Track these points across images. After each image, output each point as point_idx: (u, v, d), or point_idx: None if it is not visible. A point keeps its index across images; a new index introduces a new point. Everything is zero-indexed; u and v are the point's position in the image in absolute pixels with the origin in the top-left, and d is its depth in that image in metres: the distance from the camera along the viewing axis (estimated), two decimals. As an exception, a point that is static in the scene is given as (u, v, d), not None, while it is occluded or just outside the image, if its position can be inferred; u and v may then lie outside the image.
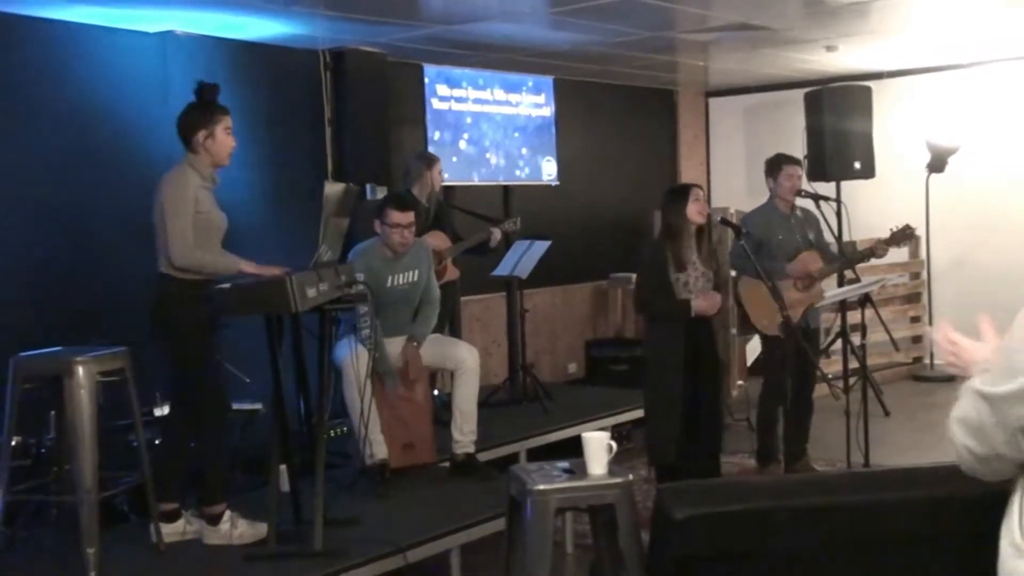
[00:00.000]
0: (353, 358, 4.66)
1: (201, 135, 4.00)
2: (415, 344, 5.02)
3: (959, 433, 1.78)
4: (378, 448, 4.80)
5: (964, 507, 2.71)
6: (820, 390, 5.82)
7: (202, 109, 4.03)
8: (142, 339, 4.19)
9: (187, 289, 3.94)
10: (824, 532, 2.82)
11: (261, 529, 4.03)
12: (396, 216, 4.85)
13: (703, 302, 4.81)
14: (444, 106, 7.42)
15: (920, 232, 8.52)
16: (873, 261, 6.01)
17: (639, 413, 6.46)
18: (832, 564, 2.84)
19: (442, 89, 7.41)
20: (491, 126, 7.76)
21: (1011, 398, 1.69)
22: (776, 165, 5.68)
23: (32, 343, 4.10)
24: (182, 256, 3.90)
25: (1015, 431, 1.70)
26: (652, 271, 4.84)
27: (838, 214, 6.26)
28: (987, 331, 1.93)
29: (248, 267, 3.99)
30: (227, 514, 4.09)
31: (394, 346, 4.98)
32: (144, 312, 4.10)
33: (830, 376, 6.92)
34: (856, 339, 5.73)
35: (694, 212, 4.80)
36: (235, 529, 4.08)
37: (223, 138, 4.04)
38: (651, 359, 4.94)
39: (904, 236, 5.61)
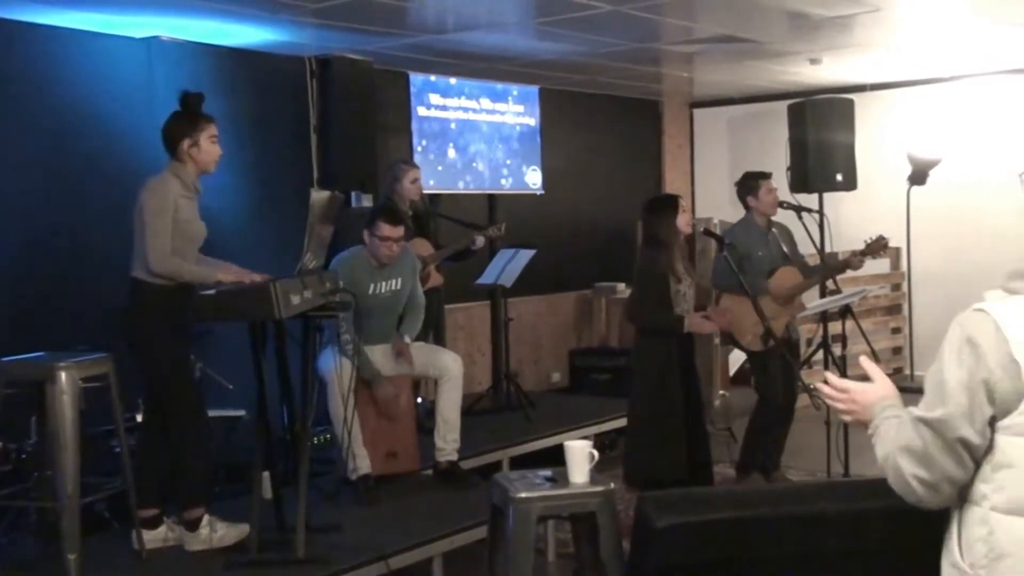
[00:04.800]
0: (338, 368, 4.67)
1: (186, 144, 4.01)
2: (406, 341, 5.04)
3: (905, 463, 1.79)
4: (361, 462, 4.80)
5: (943, 517, 2.73)
6: (801, 400, 5.85)
7: (186, 118, 4.04)
8: (125, 345, 4.18)
9: (159, 295, 3.94)
10: (804, 541, 2.85)
11: (243, 529, 4.02)
12: (387, 230, 4.87)
13: (699, 322, 4.78)
14: (430, 114, 7.44)
15: (900, 244, 8.65)
16: (854, 272, 6.05)
17: (622, 422, 6.49)
18: (812, 573, 2.86)
19: (428, 97, 7.43)
20: (476, 135, 7.78)
21: (950, 420, 1.73)
22: (753, 182, 5.69)
23: (15, 348, 4.09)
24: (159, 263, 3.90)
25: (958, 451, 1.74)
26: (653, 283, 4.78)
27: (820, 226, 6.31)
28: (872, 370, 1.98)
29: (226, 276, 3.98)
30: (206, 518, 4.09)
31: (378, 354, 4.99)
32: (128, 318, 4.10)
33: (811, 386, 6.96)
34: (837, 350, 5.77)
35: (683, 223, 4.81)
36: (215, 532, 4.07)
37: (208, 147, 4.04)
38: (647, 372, 4.85)
39: (879, 247, 5.64)
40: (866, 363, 2.03)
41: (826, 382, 2.03)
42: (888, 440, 1.84)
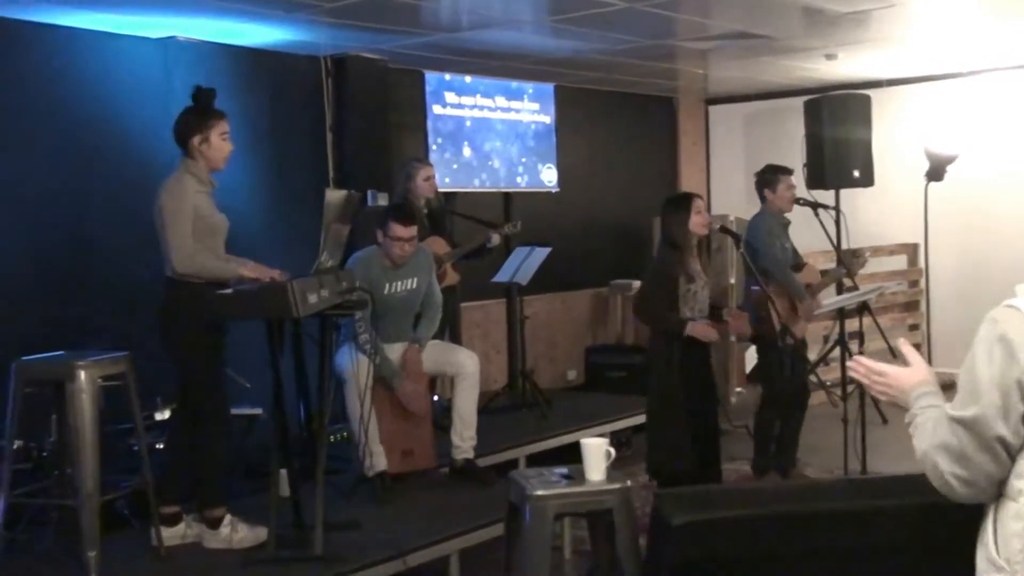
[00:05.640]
0: (355, 366, 4.68)
1: (196, 140, 4.02)
2: (417, 347, 5.04)
3: (943, 462, 1.79)
4: (377, 459, 4.82)
5: (961, 514, 2.73)
6: (818, 397, 5.84)
7: (197, 114, 4.05)
8: (143, 343, 4.21)
9: (192, 293, 3.96)
10: (821, 539, 2.84)
11: (261, 533, 4.04)
12: (399, 230, 4.87)
13: (702, 328, 4.77)
14: (445, 112, 7.45)
15: (918, 240, 8.61)
16: (872, 269, 6.06)
17: (638, 420, 6.49)
18: (828, 571, 2.85)
19: (443, 96, 7.44)
20: (492, 133, 7.79)
21: (984, 418, 1.72)
22: (774, 176, 5.69)
23: (34, 347, 4.12)
24: (182, 263, 3.93)
25: (994, 448, 1.73)
26: (662, 281, 4.79)
27: (836, 222, 6.28)
28: (909, 354, 1.96)
29: (248, 270, 4.01)
30: (227, 518, 4.11)
31: (395, 352, 5.00)
32: (146, 316, 4.13)
33: (828, 384, 6.94)
34: (854, 347, 5.75)
35: (697, 224, 4.79)
36: (235, 533, 4.09)
37: (218, 143, 4.04)
38: (657, 370, 4.86)
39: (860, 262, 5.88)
40: (905, 347, 2.01)
41: (856, 362, 2.02)
42: (926, 436, 1.83)
